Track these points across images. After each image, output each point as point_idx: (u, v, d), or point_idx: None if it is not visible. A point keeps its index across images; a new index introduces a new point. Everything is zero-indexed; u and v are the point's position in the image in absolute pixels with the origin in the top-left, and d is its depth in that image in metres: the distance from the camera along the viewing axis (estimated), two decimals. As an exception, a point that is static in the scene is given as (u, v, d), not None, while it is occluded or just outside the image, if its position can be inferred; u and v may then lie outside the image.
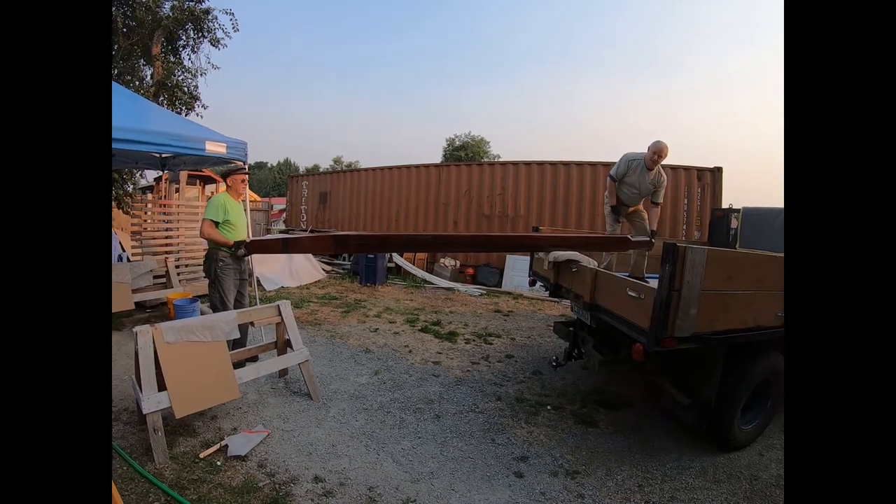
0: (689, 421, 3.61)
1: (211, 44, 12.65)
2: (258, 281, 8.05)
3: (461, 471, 3.15)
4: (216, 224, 4.43)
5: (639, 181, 4.84)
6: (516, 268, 10.30)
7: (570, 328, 4.61)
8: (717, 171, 9.50)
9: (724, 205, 8.74)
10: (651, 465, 3.36)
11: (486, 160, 32.52)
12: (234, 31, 12.81)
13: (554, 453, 3.42)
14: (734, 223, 7.11)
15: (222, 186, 22.43)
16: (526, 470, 3.19)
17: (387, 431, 3.59)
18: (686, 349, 3.00)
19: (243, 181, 4.83)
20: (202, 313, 5.17)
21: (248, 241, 4.49)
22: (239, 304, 4.68)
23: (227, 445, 3.20)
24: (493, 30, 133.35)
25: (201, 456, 3.08)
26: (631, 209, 5.17)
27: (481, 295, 9.59)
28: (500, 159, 27.37)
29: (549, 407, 4.19)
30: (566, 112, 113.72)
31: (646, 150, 4.79)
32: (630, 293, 3.27)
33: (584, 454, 3.44)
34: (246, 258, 4.71)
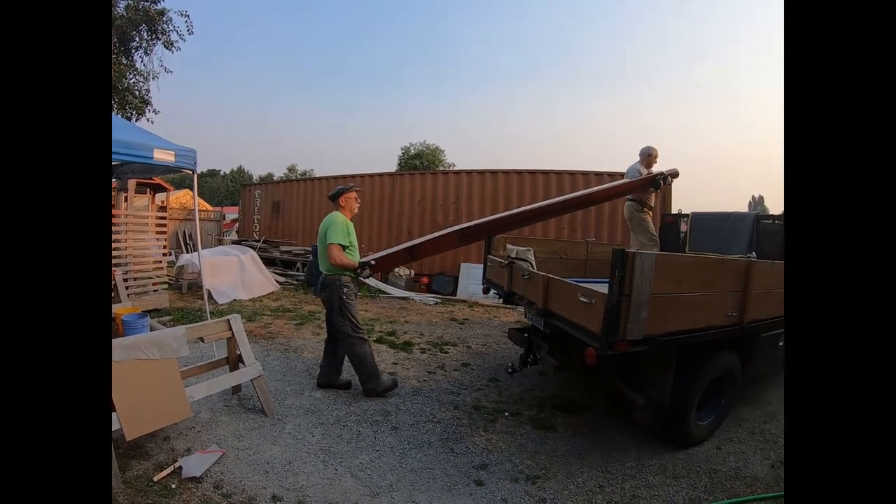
0: (645, 420, 3.69)
1: (165, 46, 12.27)
2: (209, 294, 7.80)
3: (421, 482, 3.11)
4: (343, 248, 4.22)
5: None
6: (471, 276, 10.33)
7: (525, 334, 4.64)
8: (672, 175, 9.74)
9: (674, 210, 8.99)
10: (611, 465, 3.41)
11: (440, 169, 32.59)
12: (189, 34, 12.43)
13: (514, 459, 3.43)
14: (683, 227, 7.33)
15: (173, 195, 21.49)
16: (486, 478, 3.18)
17: (344, 445, 3.52)
18: (639, 351, 3.07)
19: (357, 199, 4.53)
20: (152, 329, 4.96)
21: (372, 261, 4.29)
22: None
23: (181, 467, 3.06)
24: (453, 42, 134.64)
25: (155, 479, 2.94)
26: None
27: (436, 303, 9.59)
28: (455, 168, 27.52)
29: (506, 413, 4.20)
30: (535, 124, 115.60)
31: (637, 157, 5.96)
32: (581, 299, 3.31)
33: (544, 459, 3.46)
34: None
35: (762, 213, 8.56)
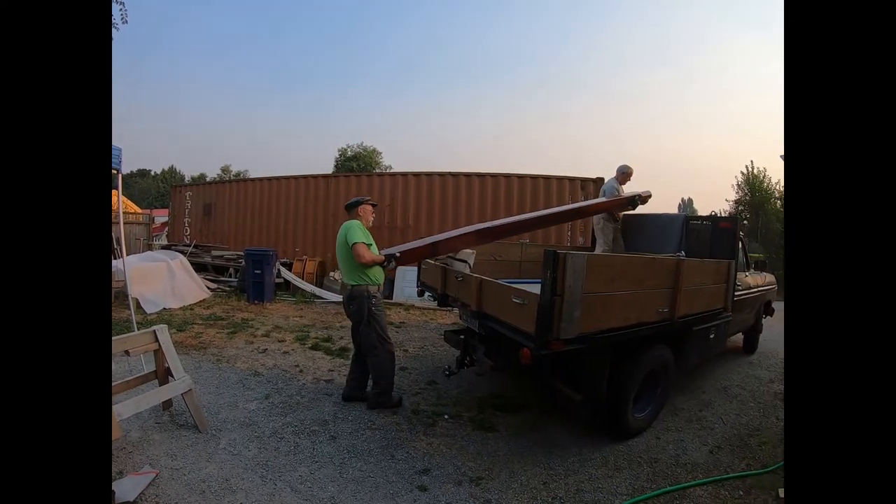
0: (584, 416, 3.78)
1: None
2: (138, 303, 7.41)
3: (363, 492, 3.05)
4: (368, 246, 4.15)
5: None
6: (406, 279, 10.27)
7: (461, 336, 4.66)
8: (598, 181, 10.07)
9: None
10: (553, 461, 3.47)
11: (376, 171, 32.31)
12: (123, 23, 11.58)
13: (456, 462, 3.43)
14: None
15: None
16: (429, 482, 3.16)
17: (282, 459, 3.41)
18: (573, 349, 3.12)
19: (372, 211, 4.54)
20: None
21: (397, 254, 4.26)
22: None
23: (113, 492, 2.87)
24: (393, 44, 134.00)
25: (84, 507, 2.74)
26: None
27: (373, 307, 9.47)
28: (391, 170, 27.34)
29: (446, 416, 4.20)
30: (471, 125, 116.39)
31: (614, 174, 6.45)
32: (514, 300, 3.35)
33: (486, 459, 3.48)
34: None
35: (691, 215, 8.94)
